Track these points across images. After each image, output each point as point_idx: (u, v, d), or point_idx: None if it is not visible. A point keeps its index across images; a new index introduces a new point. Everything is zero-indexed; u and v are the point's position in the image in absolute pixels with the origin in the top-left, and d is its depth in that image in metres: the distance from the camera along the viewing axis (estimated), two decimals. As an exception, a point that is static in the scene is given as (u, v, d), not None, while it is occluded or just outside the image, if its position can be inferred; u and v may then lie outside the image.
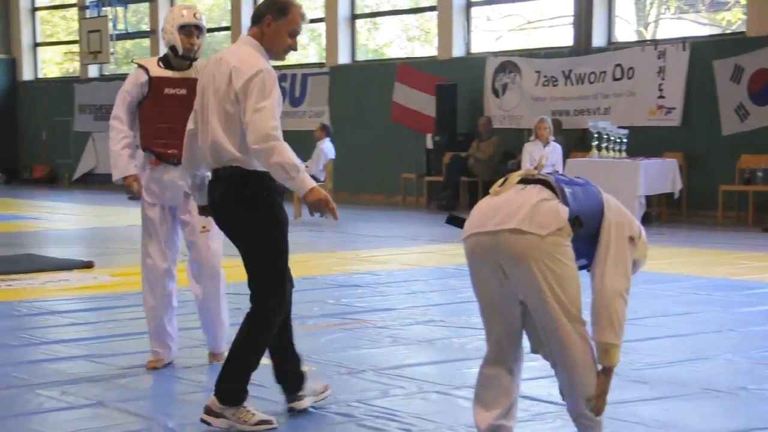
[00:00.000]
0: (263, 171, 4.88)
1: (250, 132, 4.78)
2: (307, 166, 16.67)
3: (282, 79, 21.98)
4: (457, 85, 18.68)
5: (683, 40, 16.47)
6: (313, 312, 8.18)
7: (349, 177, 20.00)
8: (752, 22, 15.82)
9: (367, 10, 22.26)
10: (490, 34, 21.07)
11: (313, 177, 16.70)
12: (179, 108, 6.05)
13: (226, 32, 24.19)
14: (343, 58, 21.13)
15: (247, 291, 5.11)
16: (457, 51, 19.34)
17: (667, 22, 20.85)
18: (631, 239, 4.14)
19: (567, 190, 4.07)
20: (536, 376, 6.04)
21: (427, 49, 21.90)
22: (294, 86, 21.77)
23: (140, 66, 6.32)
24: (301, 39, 5.34)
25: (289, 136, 20.03)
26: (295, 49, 5.07)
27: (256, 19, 4.99)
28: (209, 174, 5.15)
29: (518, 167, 14.58)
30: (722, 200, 15.12)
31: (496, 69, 18.61)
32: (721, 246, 12.34)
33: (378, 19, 22.72)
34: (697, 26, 20.53)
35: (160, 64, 6.31)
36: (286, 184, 4.84)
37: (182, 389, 5.81)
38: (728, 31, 18.88)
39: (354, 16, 21.27)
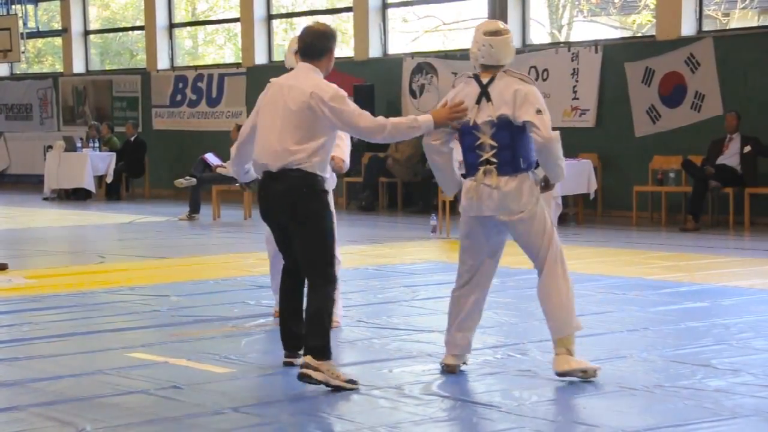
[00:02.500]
0: (318, 173, 5.94)
1: (369, 130, 5.98)
2: (225, 167, 16.57)
3: (198, 79, 21.84)
4: (374, 86, 18.71)
5: (595, 43, 16.70)
6: (234, 313, 8.14)
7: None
8: (661, 26, 16.09)
9: (283, 11, 22.19)
10: (406, 35, 21.16)
11: (232, 178, 16.74)
12: None
13: (140, 31, 23.94)
14: (260, 59, 21.05)
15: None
16: (374, 52, 19.38)
17: (579, 25, 21.14)
18: (539, 111, 5.80)
19: None
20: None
21: (344, 49, 21.92)
22: (211, 87, 21.61)
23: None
24: (218, 39, 5.62)
25: (207, 137, 19.89)
26: None
27: (319, 53, 6.05)
28: (249, 167, 6.31)
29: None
30: (636, 201, 15.36)
31: (413, 70, 18.69)
32: (635, 246, 12.53)
33: (294, 20, 22.64)
34: (608, 29, 20.86)
35: None
36: (418, 133, 6.02)
37: (101, 392, 5.74)
38: (639, 34, 19.19)
39: (270, 17, 21.20)
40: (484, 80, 5.93)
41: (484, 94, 5.90)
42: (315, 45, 6.04)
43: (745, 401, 5.43)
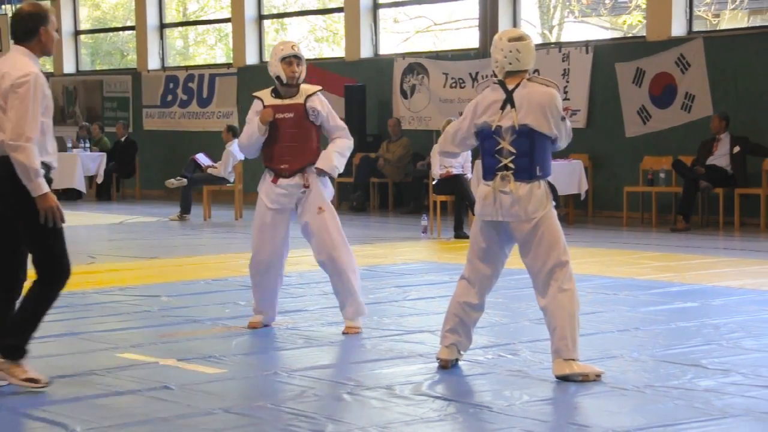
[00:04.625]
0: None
1: (10, 128, 5.53)
2: (216, 168, 16.58)
3: (189, 79, 21.82)
4: (365, 86, 18.71)
5: (586, 43, 16.73)
6: (225, 313, 8.14)
7: (259, 178, 19.84)
8: (651, 27, 16.12)
9: (275, 11, 22.19)
10: (397, 35, 21.18)
11: (223, 179, 16.71)
12: (288, 129, 7.35)
13: (131, 32, 23.92)
14: (251, 59, 21.03)
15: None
16: (365, 52, 19.38)
17: (570, 26, 21.18)
18: (563, 118, 6.07)
19: None
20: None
21: (335, 50, 21.93)
22: (202, 87, 21.60)
23: (257, 98, 7.47)
24: (208, 39, 5.60)
25: (198, 137, 19.84)
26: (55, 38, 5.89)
27: (27, 35, 5.73)
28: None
29: (428, 168, 14.66)
30: (626, 201, 15.39)
31: (404, 70, 18.69)
32: (626, 246, 12.56)
33: (285, 20, 22.67)
34: (599, 30, 20.90)
35: (272, 94, 7.43)
36: (26, 183, 5.56)
37: (91, 393, 5.73)
38: (629, 35, 19.22)
39: (261, 17, 21.19)
40: (510, 86, 6.06)
41: (509, 101, 6.03)
42: (19, 27, 5.74)
43: (735, 401, 5.44)
